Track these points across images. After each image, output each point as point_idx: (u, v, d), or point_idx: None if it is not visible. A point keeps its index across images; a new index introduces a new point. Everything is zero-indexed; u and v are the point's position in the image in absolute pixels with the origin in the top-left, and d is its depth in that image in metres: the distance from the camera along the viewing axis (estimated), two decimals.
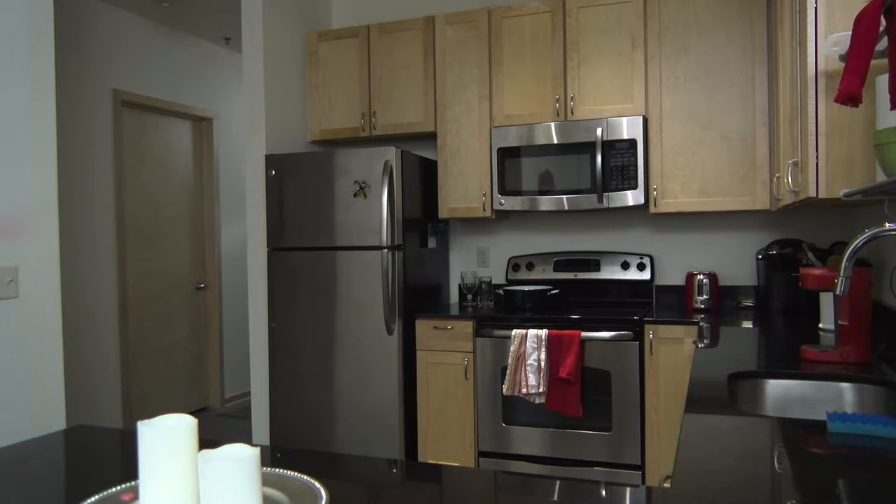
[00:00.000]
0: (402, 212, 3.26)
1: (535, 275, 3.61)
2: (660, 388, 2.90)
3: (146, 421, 0.84)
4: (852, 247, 1.47)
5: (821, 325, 2.46)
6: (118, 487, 0.96)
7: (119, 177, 4.30)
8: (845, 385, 1.70)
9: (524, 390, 3.00)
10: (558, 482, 1.20)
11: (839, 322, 1.87)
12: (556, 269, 3.57)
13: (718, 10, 3.08)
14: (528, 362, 2.99)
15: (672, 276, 3.48)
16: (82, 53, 4.08)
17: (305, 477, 0.98)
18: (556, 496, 1.08)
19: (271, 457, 1.24)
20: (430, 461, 3.23)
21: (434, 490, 1.15)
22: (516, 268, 3.66)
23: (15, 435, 2.13)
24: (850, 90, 1.47)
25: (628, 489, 1.19)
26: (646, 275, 3.42)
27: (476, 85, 3.46)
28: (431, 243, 3.63)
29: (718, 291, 3.28)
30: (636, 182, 3.12)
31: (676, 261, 3.48)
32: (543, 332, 2.98)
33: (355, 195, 3.27)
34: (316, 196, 3.35)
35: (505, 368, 3.10)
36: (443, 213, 3.54)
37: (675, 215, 3.44)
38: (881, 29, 1.46)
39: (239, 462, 0.79)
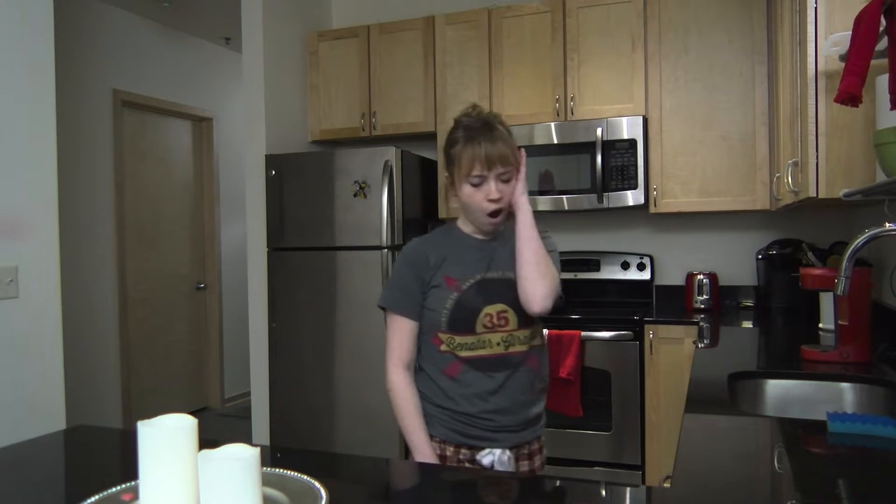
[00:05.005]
0: (402, 212, 3.26)
1: None
2: (660, 388, 2.90)
3: (146, 421, 0.84)
4: (852, 247, 1.47)
5: (821, 325, 2.46)
6: (118, 487, 0.96)
7: (119, 177, 4.30)
8: (845, 385, 1.70)
9: None
10: (558, 482, 1.20)
11: (839, 322, 1.87)
12: None
13: (718, 9, 3.08)
14: None
15: (672, 276, 3.48)
16: (82, 53, 4.08)
17: (305, 477, 0.98)
18: (556, 496, 1.08)
19: (271, 457, 1.24)
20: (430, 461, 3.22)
21: (434, 490, 1.15)
22: None
23: (15, 435, 2.13)
24: (850, 90, 1.47)
25: (628, 489, 1.19)
26: (646, 275, 3.42)
27: (476, 85, 3.46)
28: None
29: (718, 291, 3.28)
30: (636, 182, 3.12)
31: (676, 261, 3.48)
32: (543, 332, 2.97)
33: (355, 195, 3.27)
34: (316, 196, 3.35)
35: None
36: (443, 213, 3.54)
37: (675, 215, 3.44)
38: (881, 29, 1.46)
39: (239, 462, 0.79)
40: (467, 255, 1.53)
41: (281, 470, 1.01)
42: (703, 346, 2.30)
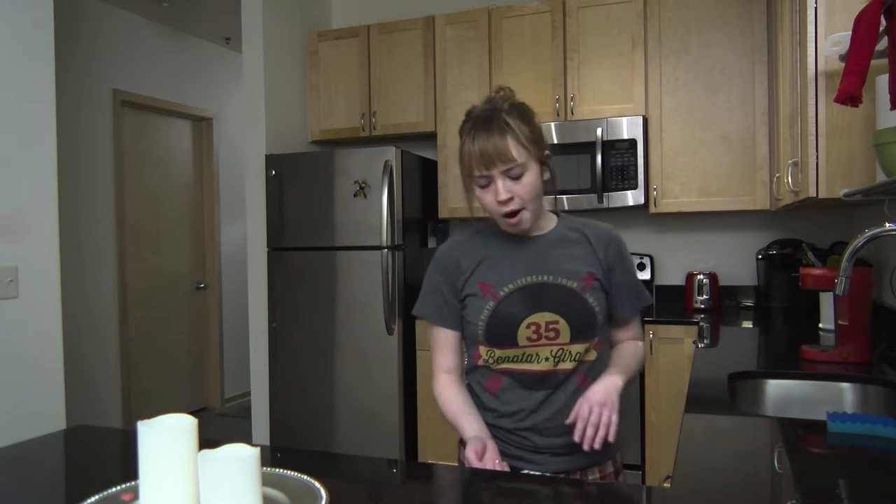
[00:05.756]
0: (402, 212, 3.26)
1: None
2: (660, 388, 2.90)
3: (146, 421, 0.84)
4: (852, 247, 1.47)
5: (821, 325, 2.46)
6: (118, 487, 0.96)
7: (119, 177, 4.30)
8: (845, 385, 1.70)
9: None
10: (558, 482, 1.19)
11: (839, 322, 1.87)
12: None
13: (718, 9, 3.08)
14: None
15: (672, 276, 3.48)
16: (82, 53, 4.08)
17: (305, 477, 0.98)
18: (555, 496, 1.07)
19: (271, 457, 1.24)
20: (430, 461, 3.22)
21: (434, 490, 1.14)
22: None
23: (15, 435, 2.13)
24: (850, 90, 1.46)
25: (628, 489, 1.19)
26: (646, 275, 3.42)
27: (476, 85, 3.46)
28: (431, 243, 3.63)
29: (718, 291, 3.28)
30: (636, 182, 3.12)
31: (676, 261, 3.48)
32: None
33: (355, 195, 3.27)
34: (316, 196, 3.35)
35: None
36: (443, 213, 3.54)
37: (675, 215, 3.44)
38: (881, 29, 1.46)
39: (239, 462, 0.79)
40: (505, 257, 1.35)
41: (281, 470, 1.01)
42: (703, 346, 2.30)
